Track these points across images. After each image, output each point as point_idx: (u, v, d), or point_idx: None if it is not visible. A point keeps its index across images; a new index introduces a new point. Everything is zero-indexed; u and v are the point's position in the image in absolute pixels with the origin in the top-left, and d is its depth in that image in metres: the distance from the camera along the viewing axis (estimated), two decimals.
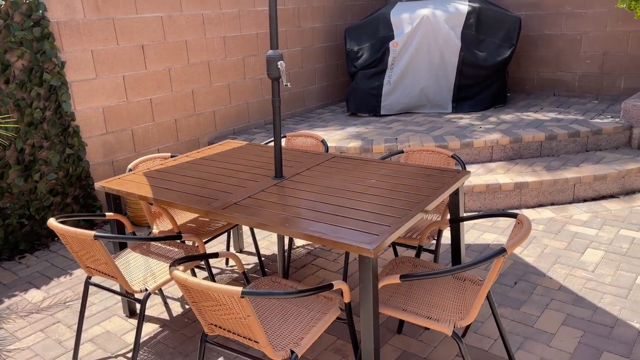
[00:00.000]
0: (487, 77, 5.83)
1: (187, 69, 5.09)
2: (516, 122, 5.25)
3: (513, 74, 6.78)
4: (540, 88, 6.62)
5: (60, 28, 4.08)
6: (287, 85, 2.70)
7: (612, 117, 5.16)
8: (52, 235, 4.22)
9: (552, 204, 4.36)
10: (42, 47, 3.93)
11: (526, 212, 4.23)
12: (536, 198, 4.32)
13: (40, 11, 3.88)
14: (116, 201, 2.92)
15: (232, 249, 3.89)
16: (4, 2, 3.68)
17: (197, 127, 5.30)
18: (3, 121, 3.63)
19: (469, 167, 4.66)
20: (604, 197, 4.42)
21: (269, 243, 4.00)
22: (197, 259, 2.27)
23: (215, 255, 2.38)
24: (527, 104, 6.11)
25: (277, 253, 3.79)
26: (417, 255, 2.72)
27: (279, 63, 2.72)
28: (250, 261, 3.70)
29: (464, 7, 5.74)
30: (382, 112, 6.06)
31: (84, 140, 4.35)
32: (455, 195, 2.77)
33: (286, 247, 3.70)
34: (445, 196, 2.55)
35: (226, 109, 5.56)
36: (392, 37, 5.89)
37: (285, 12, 6.00)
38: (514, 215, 2.22)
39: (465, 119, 5.58)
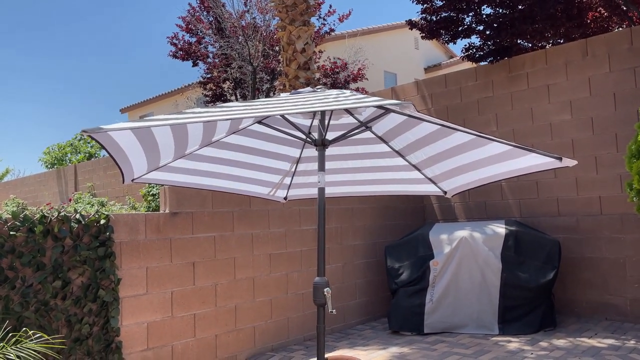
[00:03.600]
0: (533, 298, 5.72)
1: (232, 285, 5.25)
2: (570, 349, 4.95)
3: (560, 296, 6.63)
4: (591, 311, 6.38)
5: (122, 247, 4.42)
6: (332, 312, 2.73)
7: None
8: None
9: None
10: (103, 265, 4.21)
11: None
12: None
13: (108, 233, 4.27)
14: None
15: None
16: (76, 225, 4.09)
17: (237, 344, 5.23)
18: (52, 340, 3.72)
19: None
20: None
21: None
22: None
23: None
24: (579, 328, 5.83)
25: None
26: None
27: (325, 290, 2.81)
28: None
29: (502, 230, 5.95)
30: (425, 331, 5.88)
31: (124, 357, 4.33)
32: None
33: None
34: None
35: (266, 324, 5.54)
36: (431, 257, 6.03)
37: (328, 231, 6.34)
38: None
39: (514, 343, 5.32)
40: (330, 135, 3.35)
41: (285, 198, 3.99)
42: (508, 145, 2.72)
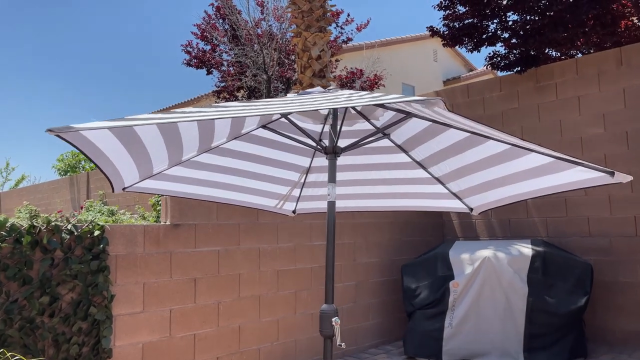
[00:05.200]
0: (562, 325, 5.26)
1: (236, 303, 4.89)
2: None
3: (591, 323, 6.14)
4: (624, 340, 5.88)
5: (117, 261, 4.10)
6: (341, 345, 2.36)
7: None
8: None
9: None
10: (96, 280, 3.89)
11: None
12: None
13: (102, 245, 3.95)
14: None
15: None
16: (68, 236, 3.79)
17: None
18: None
19: None
20: None
21: None
22: None
23: None
24: (612, 359, 5.34)
25: None
26: None
27: (333, 320, 2.44)
28: None
29: (528, 251, 5.51)
30: (443, 358, 5.45)
31: None
32: None
33: None
34: None
35: (272, 346, 5.16)
36: (451, 277, 5.61)
37: (340, 247, 5.97)
38: None
39: None
40: (343, 143, 3.00)
41: (293, 211, 3.64)
42: (550, 156, 2.34)
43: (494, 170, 2.70)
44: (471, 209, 3.27)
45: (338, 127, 2.58)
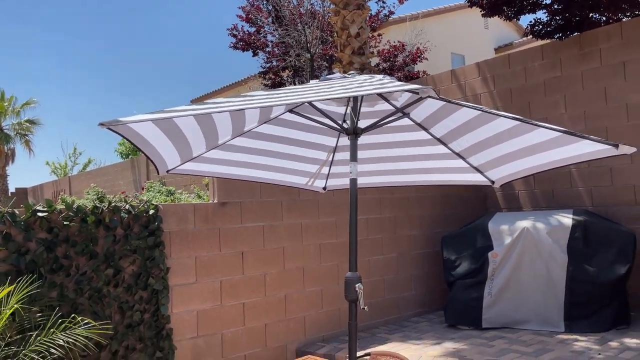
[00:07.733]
0: (603, 295, 5.27)
1: (282, 274, 5.24)
2: None
3: (635, 292, 6.08)
4: None
5: (171, 237, 4.52)
6: (364, 308, 2.62)
7: None
8: None
9: None
10: (153, 254, 4.32)
11: None
12: None
13: (157, 223, 4.37)
14: None
15: None
16: (127, 215, 4.22)
17: (287, 333, 5.23)
18: (99, 325, 3.86)
19: None
20: None
21: None
22: None
23: None
24: None
25: None
26: None
27: (357, 286, 2.69)
28: None
29: (568, 220, 5.52)
30: (483, 326, 5.61)
31: (174, 344, 4.44)
32: None
33: None
34: None
35: (317, 314, 5.50)
36: (491, 248, 5.72)
37: (382, 221, 6.18)
38: None
39: (580, 342, 4.94)
40: (366, 123, 3.19)
41: (324, 188, 3.89)
42: (557, 131, 2.45)
43: (509, 144, 2.82)
44: (492, 182, 3.39)
45: (357, 109, 2.79)
